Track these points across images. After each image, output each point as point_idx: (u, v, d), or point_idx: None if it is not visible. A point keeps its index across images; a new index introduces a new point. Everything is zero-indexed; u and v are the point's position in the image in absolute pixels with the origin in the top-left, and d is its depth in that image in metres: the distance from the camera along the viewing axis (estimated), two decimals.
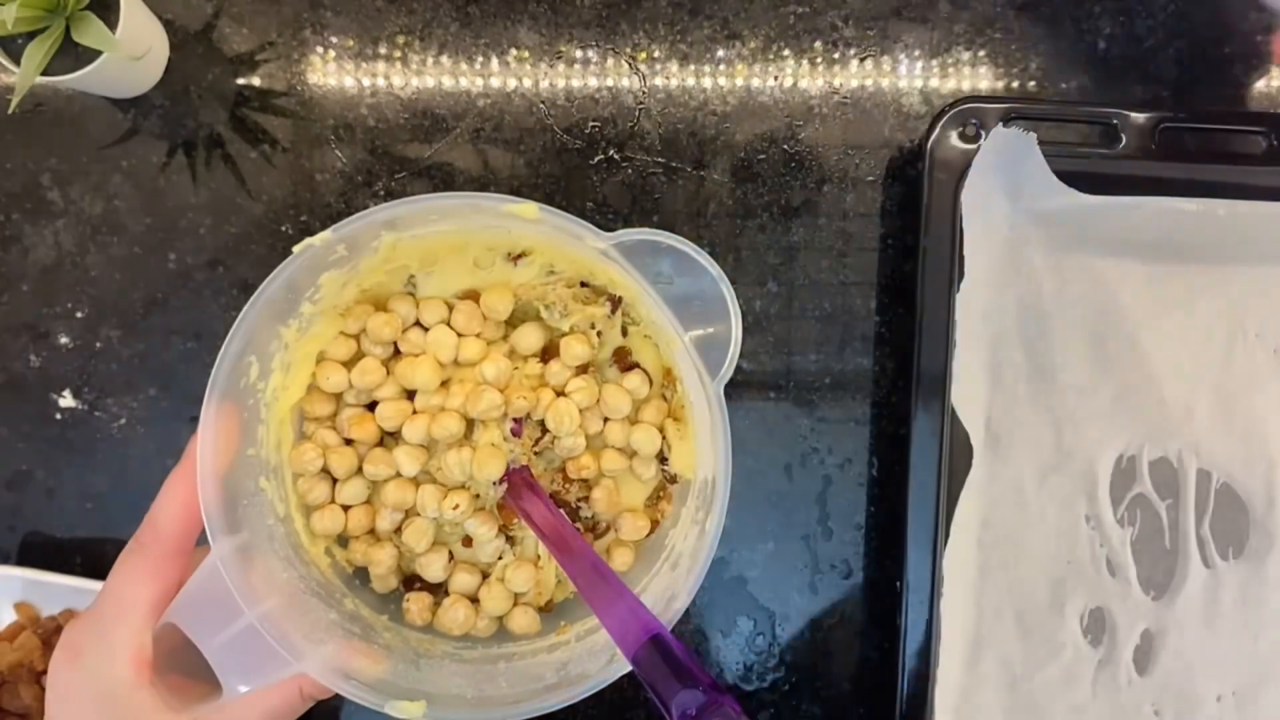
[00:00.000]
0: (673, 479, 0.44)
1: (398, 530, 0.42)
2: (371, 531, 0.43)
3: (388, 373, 0.42)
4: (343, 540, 0.43)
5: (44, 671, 0.49)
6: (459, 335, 0.42)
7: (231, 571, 0.34)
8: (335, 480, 0.42)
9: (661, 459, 0.44)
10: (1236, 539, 0.50)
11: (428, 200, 0.36)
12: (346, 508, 0.42)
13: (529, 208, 0.36)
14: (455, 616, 0.42)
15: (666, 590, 0.39)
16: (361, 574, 0.43)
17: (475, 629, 0.43)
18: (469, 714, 0.36)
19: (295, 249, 0.36)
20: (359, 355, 0.42)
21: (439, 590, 0.43)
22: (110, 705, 0.34)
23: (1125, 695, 0.49)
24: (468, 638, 0.43)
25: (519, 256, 0.42)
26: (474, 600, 0.43)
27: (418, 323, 0.43)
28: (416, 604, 0.42)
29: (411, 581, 0.43)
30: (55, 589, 0.50)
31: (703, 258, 0.39)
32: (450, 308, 0.42)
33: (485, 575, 0.43)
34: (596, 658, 0.38)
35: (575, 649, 0.41)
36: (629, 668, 0.33)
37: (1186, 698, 0.49)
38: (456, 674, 0.39)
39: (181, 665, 0.35)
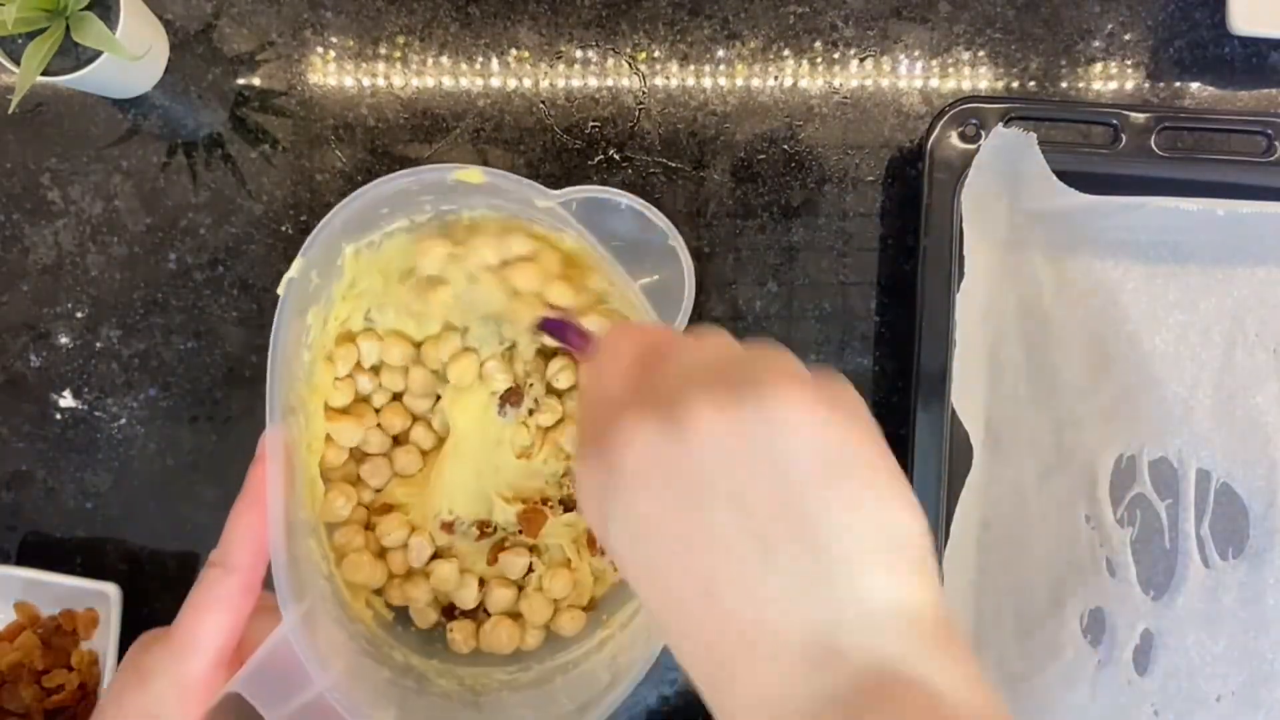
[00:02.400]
0: None
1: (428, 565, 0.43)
2: (406, 572, 0.43)
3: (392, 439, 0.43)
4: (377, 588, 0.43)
5: (44, 671, 0.49)
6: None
7: (301, 640, 0.33)
8: (367, 526, 0.42)
9: None
10: (1236, 539, 0.50)
11: (374, 186, 0.36)
12: (383, 552, 0.42)
13: (474, 173, 0.36)
14: (499, 635, 0.42)
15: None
16: (402, 619, 0.43)
17: (524, 644, 0.42)
18: None
19: (279, 290, 0.36)
20: (358, 399, 0.43)
21: (479, 614, 0.43)
22: None
23: (1125, 695, 0.49)
24: (519, 656, 0.43)
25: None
26: (515, 616, 0.43)
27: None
28: (460, 632, 0.42)
29: (450, 611, 0.43)
30: (55, 589, 0.50)
31: (650, 211, 0.39)
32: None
33: (521, 588, 0.43)
34: (640, 642, 0.38)
35: (621, 639, 0.41)
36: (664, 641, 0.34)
37: (1186, 698, 0.49)
38: (517, 704, 0.40)
39: None
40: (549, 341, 0.42)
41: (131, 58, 0.47)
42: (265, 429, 0.35)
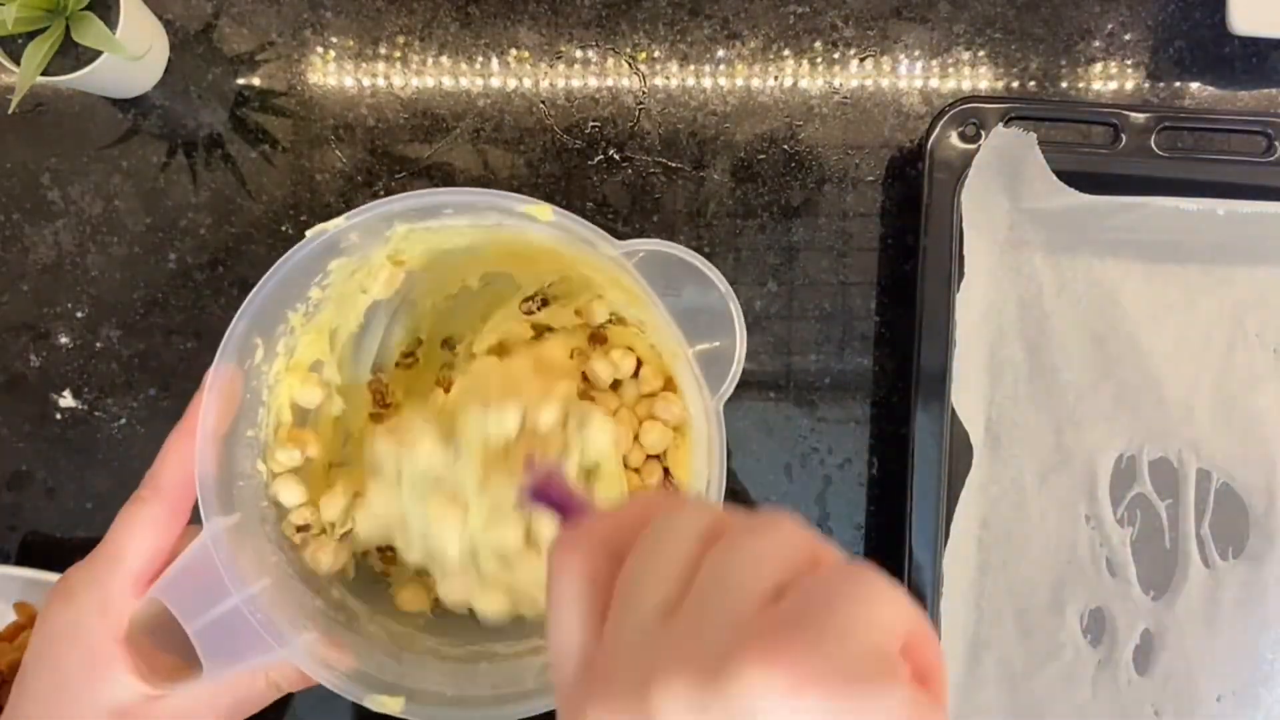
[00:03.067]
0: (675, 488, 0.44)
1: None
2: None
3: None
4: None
5: None
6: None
7: (222, 552, 0.34)
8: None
9: (664, 471, 0.44)
10: (1236, 539, 0.50)
11: (444, 195, 0.36)
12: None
13: (543, 209, 0.36)
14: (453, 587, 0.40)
15: None
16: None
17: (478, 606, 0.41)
18: (448, 712, 0.36)
19: (309, 233, 0.36)
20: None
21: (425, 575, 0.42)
22: (89, 658, 0.34)
23: (1125, 695, 0.49)
24: (448, 628, 0.42)
25: (539, 304, 0.42)
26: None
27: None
28: (411, 592, 0.42)
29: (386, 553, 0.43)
30: None
31: (712, 272, 0.39)
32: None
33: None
34: None
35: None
36: None
37: (1186, 698, 0.49)
38: (438, 671, 0.39)
39: (162, 641, 0.34)
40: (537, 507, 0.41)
41: (131, 58, 0.47)
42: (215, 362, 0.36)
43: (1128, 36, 0.53)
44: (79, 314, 0.53)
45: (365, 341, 0.45)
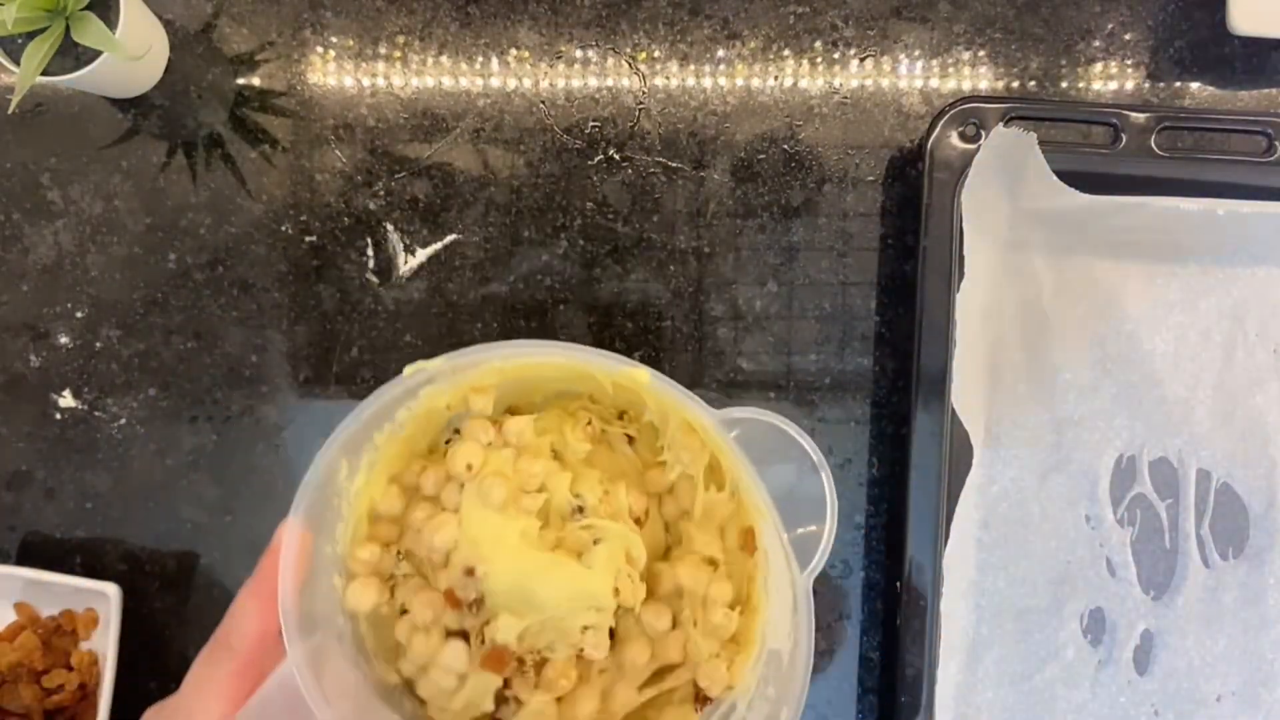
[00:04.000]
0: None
1: None
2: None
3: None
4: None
5: (44, 671, 0.49)
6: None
7: (306, 677, 0.33)
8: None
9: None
10: (1236, 539, 0.50)
11: (550, 348, 0.35)
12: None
13: (641, 374, 0.35)
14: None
15: None
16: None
17: None
18: None
19: (407, 370, 0.35)
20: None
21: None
22: None
23: (1125, 695, 0.49)
24: None
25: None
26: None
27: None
28: None
29: None
30: (55, 589, 0.50)
31: (813, 450, 0.37)
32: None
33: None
34: None
35: None
36: None
37: (1186, 698, 0.49)
38: None
39: None
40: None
41: (131, 58, 0.47)
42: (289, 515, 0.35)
43: (1128, 36, 0.53)
44: (79, 314, 0.53)
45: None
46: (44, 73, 0.46)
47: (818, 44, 0.53)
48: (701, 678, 0.39)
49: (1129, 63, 0.53)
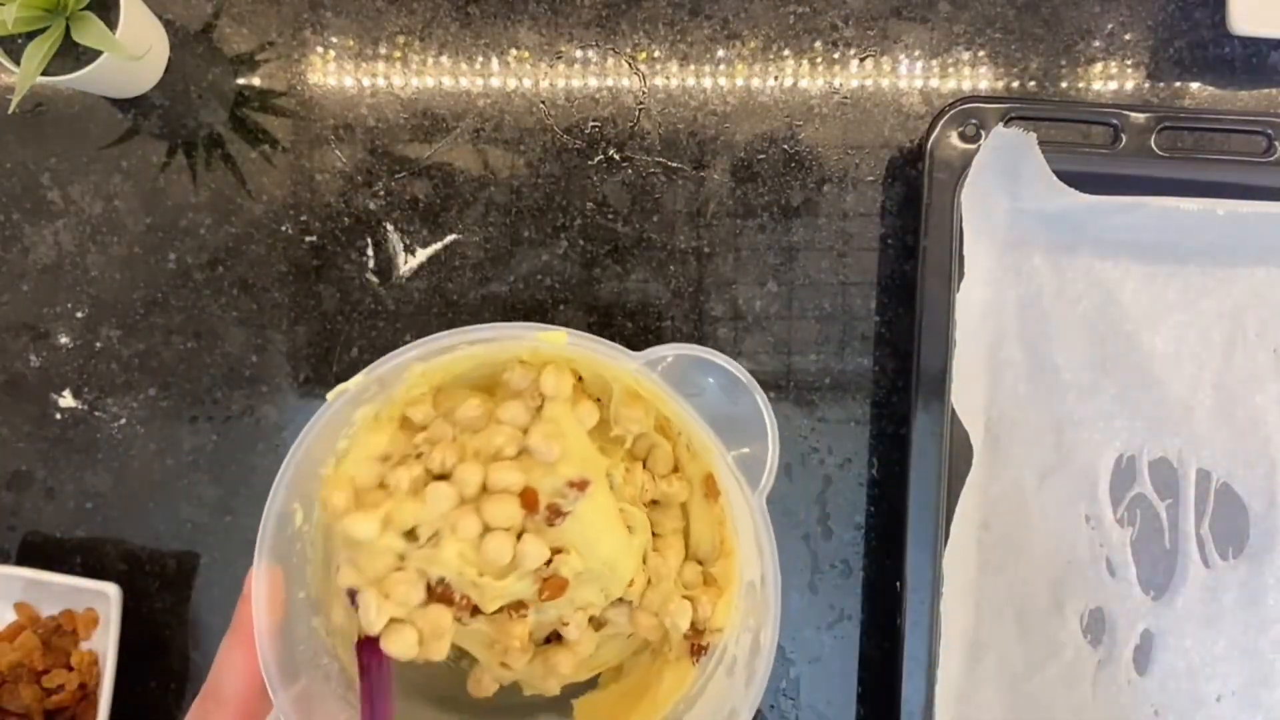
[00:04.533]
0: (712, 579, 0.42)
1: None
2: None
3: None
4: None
5: (44, 671, 0.49)
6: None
7: None
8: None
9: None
10: (1236, 539, 0.50)
11: (459, 335, 0.35)
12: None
13: (558, 335, 0.36)
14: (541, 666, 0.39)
15: (724, 702, 0.38)
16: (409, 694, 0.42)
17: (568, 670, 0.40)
18: None
19: (330, 396, 0.35)
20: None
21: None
22: None
23: (1125, 695, 0.49)
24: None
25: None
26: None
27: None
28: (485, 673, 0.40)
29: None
30: (55, 589, 0.50)
31: (739, 371, 0.38)
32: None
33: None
34: None
35: None
36: None
37: (1186, 698, 0.49)
38: None
39: None
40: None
41: (131, 58, 0.47)
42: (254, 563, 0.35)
43: (1128, 36, 0.53)
44: (79, 314, 0.53)
45: None
46: (44, 73, 0.46)
47: (818, 44, 0.53)
48: (693, 628, 0.40)
49: (1129, 63, 0.53)
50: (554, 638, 0.40)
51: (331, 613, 0.38)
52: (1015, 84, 0.53)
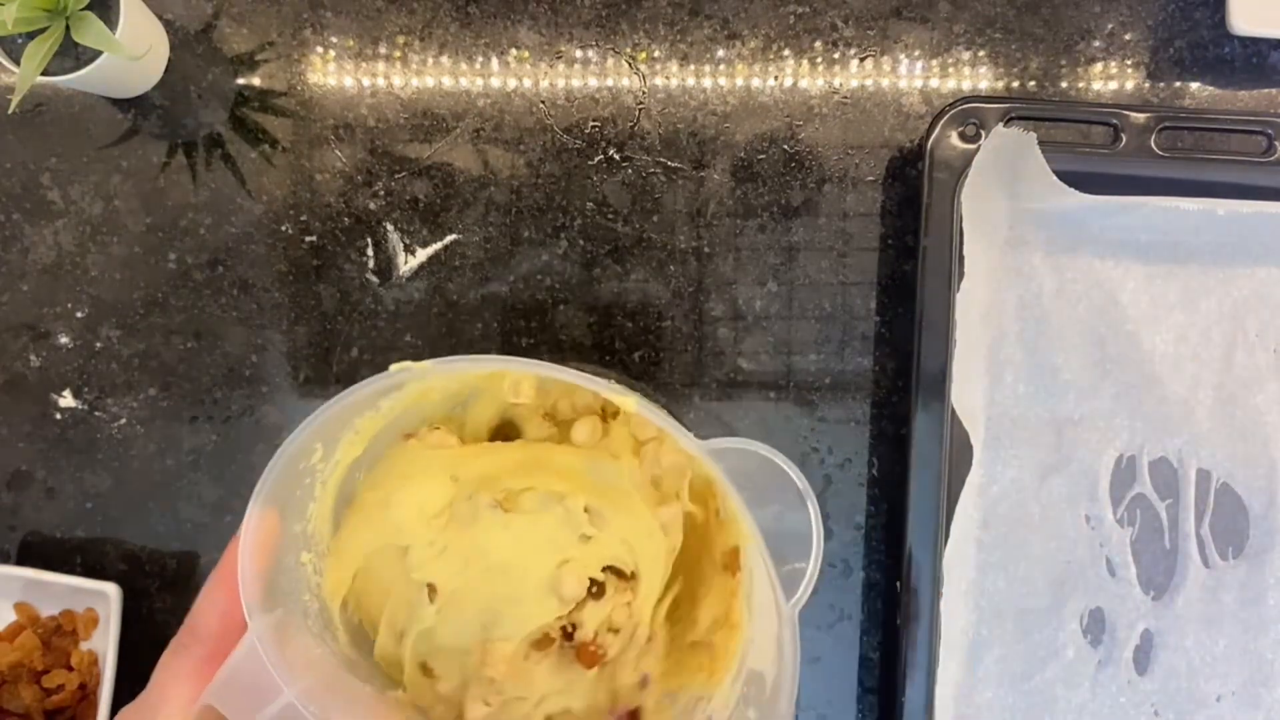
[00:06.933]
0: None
1: None
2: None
3: None
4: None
5: (44, 671, 0.49)
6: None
7: (269, 649, 0.33)
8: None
9: None
10: (1236, 539, 0.50)
11: (532, 365, 0.35)
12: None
13: (628, 402, 0.35)
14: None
15: None
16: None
17: None
18: None
19: (393, 367, 0.35)
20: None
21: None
22: None
23: (1125, 695, 0.49)
24: None
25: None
26: None
27: None
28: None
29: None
30: (55, 589, 0.50)
31: (799, 479, 0.36)
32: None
33: None
34: None
35: None
36: None
37: (1186, 698, 0.49)
38: None
39: None
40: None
41: (131, 58, 0.47)
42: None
43: (1128, 36, 0.53)
44: (79, 314, 0.53)
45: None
46: (44, 73, 0.46)
47: (818, 44, 0.53)
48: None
49: (1129, 63, 0.53)
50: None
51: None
52: (1015, 84, 0.53)
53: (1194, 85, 0.53)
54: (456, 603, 0.38)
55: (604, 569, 0.38)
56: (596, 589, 0.38)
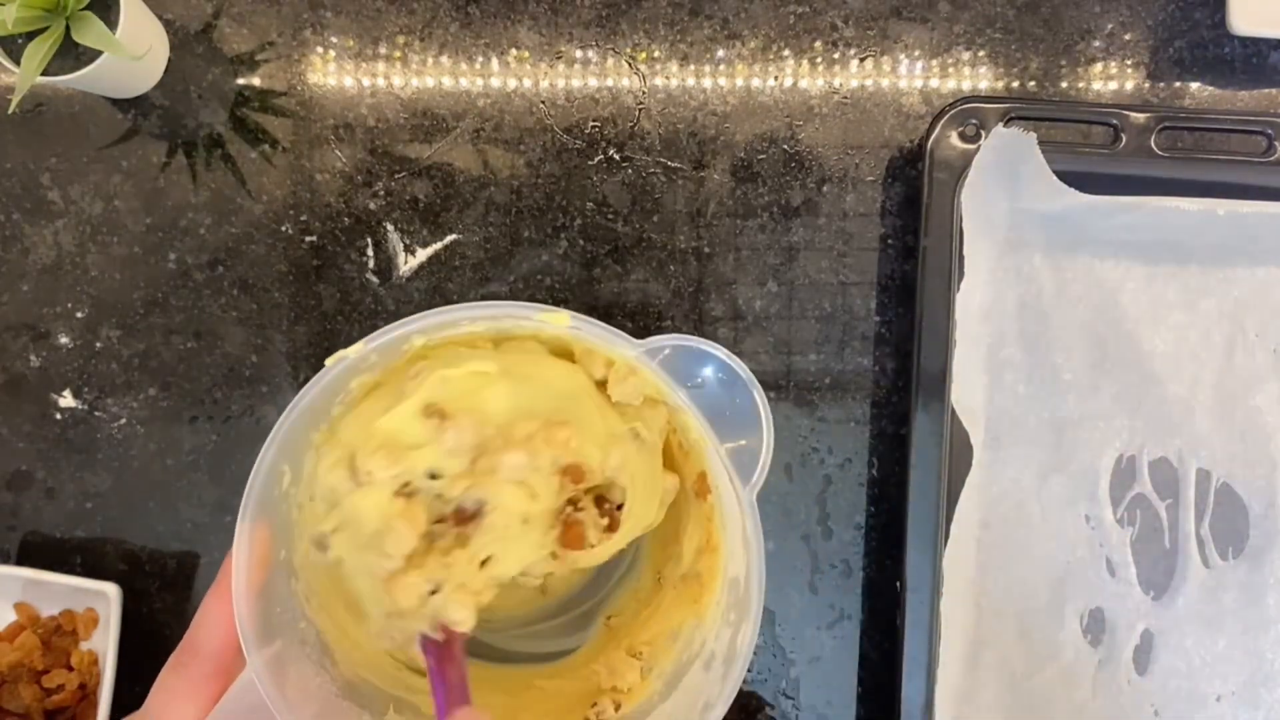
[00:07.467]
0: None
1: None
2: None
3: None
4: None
5: (44, 671, 0.49)
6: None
7: (267, 684, 0.33)
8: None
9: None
10: (1236, 539, 0.50)
11: (462, 310, 0.35)
12: None
13: (560, 316, 0.35)
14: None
15: (700, 694, 0.38)
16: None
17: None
18: None
19: (329, 361, 0.35)
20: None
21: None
22: None
23: (1125, 695, 0.49)
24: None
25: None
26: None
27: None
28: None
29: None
30: (55, 589, 0.50)
31: (736, 364, 0.38)
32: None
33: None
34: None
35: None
36: None
37: (1186, 698, 0.49)
38: None
39: None
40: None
41: (131, 57, 0.47)
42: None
43: (1128, 36, 0.53)
44: (79, 314, 0.53)
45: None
46: (44, 73, 0.46)
47: (818, 44, 0.53)
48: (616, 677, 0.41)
49: (1129, 63, 0.53)
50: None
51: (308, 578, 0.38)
52: (1015, 84, 0.53)
53: (1194, 85, 0.53)
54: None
55: (587, 490, 0.39)
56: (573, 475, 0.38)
